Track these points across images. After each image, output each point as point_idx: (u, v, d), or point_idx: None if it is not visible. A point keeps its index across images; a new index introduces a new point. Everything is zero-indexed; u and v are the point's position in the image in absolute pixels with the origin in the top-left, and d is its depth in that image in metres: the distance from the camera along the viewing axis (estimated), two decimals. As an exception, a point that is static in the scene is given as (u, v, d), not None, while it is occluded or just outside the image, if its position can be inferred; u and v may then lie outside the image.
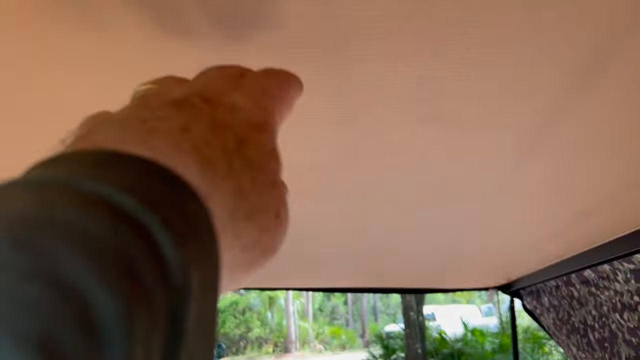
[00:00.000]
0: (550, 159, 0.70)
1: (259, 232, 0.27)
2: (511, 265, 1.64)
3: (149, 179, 0.20)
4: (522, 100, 0.53)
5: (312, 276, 2.03)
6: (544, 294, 1.75)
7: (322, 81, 0.48)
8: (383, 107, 0.52)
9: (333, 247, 1.38)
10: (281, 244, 0.30)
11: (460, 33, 0.41)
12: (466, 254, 1.45)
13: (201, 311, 0.19)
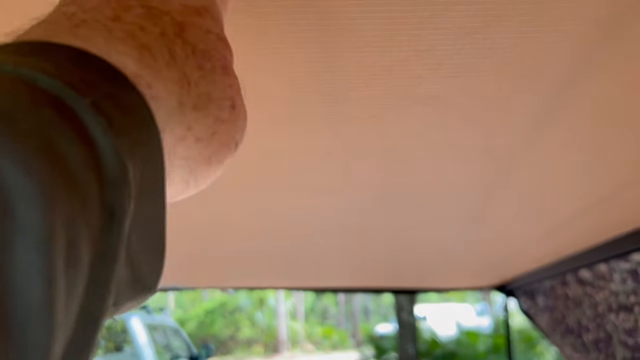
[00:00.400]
0: (546, 156, 0.69)
1: (213, 122, 0.26)
2: (506, 264, 1.63)
3: (78, 67, 0.19)
4: (520, 92, 0.51)
5: (304, 276, 2.01)
6: (538, 294, 1.73)
7: (317, 75, 0.45)
8: (376, 91, 0.50)
9: (325, 245, 1.36)
10: (242, 137, 0.29)
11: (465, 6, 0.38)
12: (460, 253, 1.44)
13: (146, 214, 0.18)
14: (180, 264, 1.61)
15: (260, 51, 0.42)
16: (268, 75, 0.46)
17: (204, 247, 1.35)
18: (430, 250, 1.41)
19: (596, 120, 0.58)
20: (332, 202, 0.92)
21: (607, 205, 0.88)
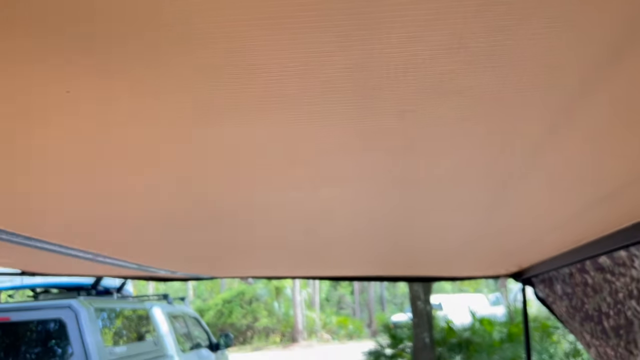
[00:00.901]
0: (567, 144, 0.69)
1: None
2: (523, 252, 1.63)
3: None
4: (543, 86, 0.52)
5: (320, 265, 2.03)
6: (556, 282, 1.74)
7: (346, 54, 0.47)
8: (406, 81, 0.51)
9: (342, 235, 1.38)
10: None
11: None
12: (477, 242, 1.45)
13: None
14: (201, 256, 1.64)
15: (295, 53, 0.44)
16: (299, 74, 0.48)
17: (224, 238, 1.37)
18: (447, 238, 1.41)
19: (616, 111, 0.58)
20: (349, 192, 0.93)
21: (627, 192, 0.88)
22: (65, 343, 3.77)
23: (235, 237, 1.32)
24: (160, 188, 0.81)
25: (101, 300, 4.43)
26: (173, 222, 1.05)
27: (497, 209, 1.04)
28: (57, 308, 3.88)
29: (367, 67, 0.48)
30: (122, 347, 4.19)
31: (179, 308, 6.37)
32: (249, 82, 0.49)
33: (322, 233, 1.32)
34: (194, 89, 0.49)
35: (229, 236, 1.31)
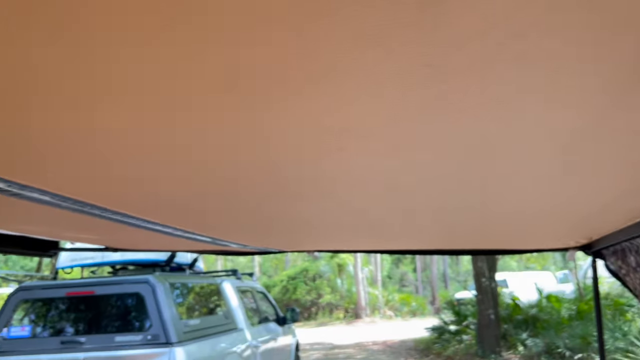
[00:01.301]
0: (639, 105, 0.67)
1: None
2: (594, 222, 1.60)
3: None
4: (615, 49, 0.52)
5: (385, 239, 2.06)
6: (630, 253, 1.70)
7: (414, 32, 0.49)
8: (474, 47, 0.53)
9: (407, 207, 1.39)
10: None
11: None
12: (545, 211, 1.43)
13: None
14: (272, 229, 1.72)
15: (373, 29, 0.47)
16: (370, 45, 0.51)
17: (293, 212, 1.43)
18: (514, 209, 1.40)
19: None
20: (414, 161, 0.93)
21: None
22: (143, 315, 4.02)
23: (303, 210, 1.37)
24: (239, 163, 0.87)
25: (175, 276, 4.67)
26: (248, 196, 1.12)
27: (568, 174, 1.01)
28: (135, 283, 4.14)
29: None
30: (196, 320, 4.42)
31: (248, 283, 6.61)
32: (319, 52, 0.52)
33: (388, 205, 1.34)
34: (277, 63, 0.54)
35: (297, 210, 1.36)
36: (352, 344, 14.98)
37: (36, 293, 4.24)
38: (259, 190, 1.11)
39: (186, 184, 1.03)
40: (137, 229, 1.46)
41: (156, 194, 1.11)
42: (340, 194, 1.19)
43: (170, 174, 0.95)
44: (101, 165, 0.87)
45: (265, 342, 5.96)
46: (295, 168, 0.94)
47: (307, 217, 1.46)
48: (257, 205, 1.26)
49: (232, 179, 1.00)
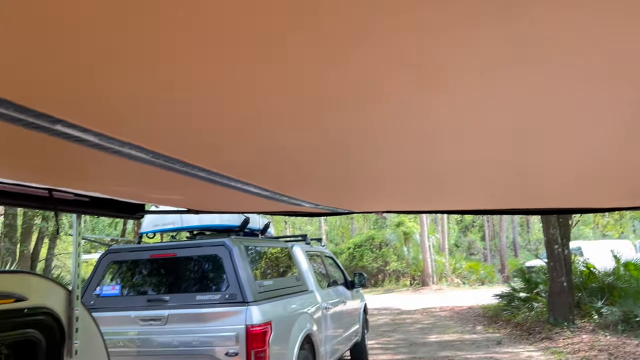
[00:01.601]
0: None
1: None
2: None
3: None
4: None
5: (454, 198, 2.09)
6: None
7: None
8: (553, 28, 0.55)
9: (477, 162, 1.41)
10: None
11: None
12: (622, 164, 1.40)
13: None
14: (345, 189, 1.80)
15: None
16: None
17: (365, 170, 1.49)
18: (590, 161, 1.37)
19: None
20: (484, 111, 0.94)
21: None
22: (221, 276, 4.28)
23: (381, 167, 1.43)
24: (326, 120, 0.94)
25: (249, 240, 4.90)
26: (332, 154, 1.19)
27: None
28: (213, 246, 4.39)
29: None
30: (269, 281, 4.64)
31: (316, 248, 6.80)
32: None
33: (465, 162, 1.37)
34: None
35: (374, 167, 1.42)
36: (418, 310, 15.07)
37: (123, 255, 4.60)
38: (340, 149, 1.18)
39: (274, 144, 1.12)
40: (222, 188, 1.57)
41: (244, 152, 1.19)
42: (420, 149, 1.23)
43: (257, 133, 1.03)
44: (195, 123, 0.96)
45: (335, 305, 6.15)
46: (379, 122, 0.98)
47: (382, 175, 1.52)
48: (338, 163, 1.33)
49: (318, 137, 1.07)
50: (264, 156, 1.24)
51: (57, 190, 2.22)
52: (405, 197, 1.99)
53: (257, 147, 1.17)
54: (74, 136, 0.88)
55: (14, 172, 1.79)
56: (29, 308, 2.14)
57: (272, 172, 1.41)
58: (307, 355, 4.83)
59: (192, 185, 1.60)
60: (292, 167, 1.37)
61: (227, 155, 1.20)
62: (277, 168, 1.37)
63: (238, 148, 1.17)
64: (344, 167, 1.40)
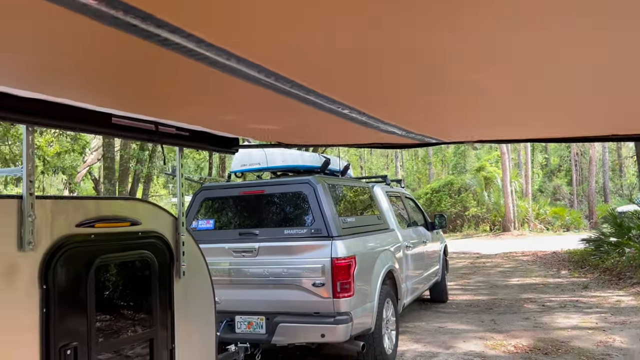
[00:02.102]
0: None
1: None
2: None
3: None
4: None
5: (554, 124, 2.04)
6: None
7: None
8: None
9: (576, 85, 1.38)
10: None
11: None
12: None
13: None
14: (440, 116, 1.81)
15: None
16: None
17: (469, 93, 1.48)
18: None
19: None
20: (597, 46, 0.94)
21: None
22: (307, 212, 4.45)
23: (481, 89, 1.43)
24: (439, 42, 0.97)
25: (332, 179, 5.03)
26: (428, 82, 1.22)
27: None
28: (298, 183, 4.55)
29: None
30: (352, 218, 4.77)
31: (397, 189, 6.85)
32: None
33: (567, 86, 1.34)
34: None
35: (473, 90, 1.42)
36: (499, 254, 14.88)
37: (216, 192, 4.88)
38: (441, 75, 1.20)
39: (387, 76, 1.15)
40: (324, 113, 1.61)
41: (358, 78, 1.23)
42: (504, 77, 1.23)
43: (374, 64, 1.07)
44: (306, 37, 1.02)
45: (415, 244, 6.24)
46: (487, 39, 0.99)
47: (482, 100, 1.52)
48: (439, 89, 1.35)
49: (420, 65, 1.10)
50: (374, 83, 1.28)
51: (162, 124, 2.39)
52: (501, 125, 1.97)
53: (371, 77, 1.21)
54: (201, 54, 0.95)
55: (128, 104, 1.95)
56: (142, 232, 2.37)
57: (378, 98, 1.44)
58: (389, 291, 4.98)
59: (293, 113, 1.68)
60: (398, 94, 1.41)
61: (340, 77, 1.24)
62: (384, 94, 1.41)
63: (355, 75, 1.21)
64: (444, 93, 1.41)
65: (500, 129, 2.01)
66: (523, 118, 1.79)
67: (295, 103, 1.43)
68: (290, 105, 1.49)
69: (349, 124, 1.70)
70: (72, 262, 2.04)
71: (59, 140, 12.35)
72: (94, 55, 1.18)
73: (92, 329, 2.10)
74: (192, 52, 0.94)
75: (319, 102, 1.37)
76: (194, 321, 2.66)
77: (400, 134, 1.92)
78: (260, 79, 1.16)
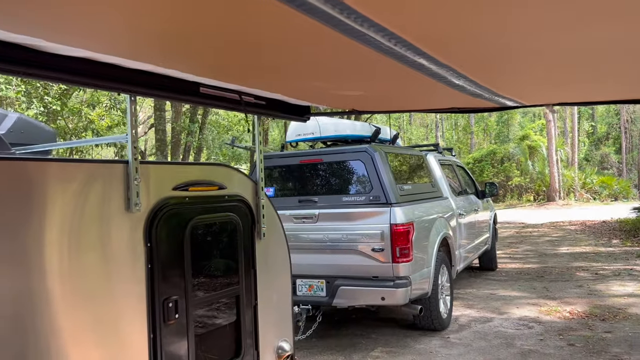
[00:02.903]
0: None
1: None
2: None
3: None
4: None
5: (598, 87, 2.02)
6: None
7: None
8: None
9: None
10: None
11: None
12: None
13: None
14: (527, 77, 1.84)
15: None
16: None
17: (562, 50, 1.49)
18: None
19: None
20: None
21: None
22: (364, 179, 4.54)
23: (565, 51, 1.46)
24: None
25: (388, 147, 5.09)
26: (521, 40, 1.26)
27: None
28: (355, 152, 4.64)
29: None
30: (408, 186, 4.83)
31: (448, 157, 6.85)
32: None
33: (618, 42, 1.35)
34: None
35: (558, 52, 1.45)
36: (545, 224, 14.69)
37: (275, 161, 5.01)
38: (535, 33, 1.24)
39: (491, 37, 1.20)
40: (422, 77, 1.65)
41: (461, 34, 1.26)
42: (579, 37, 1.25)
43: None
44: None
45: (467, 212, 6.26)
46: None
47: (571, 60, 1.54)
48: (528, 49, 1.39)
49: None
50: (481, 46, 1.32)
51: (244, 93, 2.51)
52: (582, 87, 1.98)
53: (478, 40, 1.25)
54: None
55: (214, 72, 2.06)
56: (228, 195, 2.51)
57: (478, 59, 1.47)
58: (443, 257, 5.06)
59: (390, 77, 1.72)
60: (498, 57, 1.45)
61: (453, 39, 1.27)
62: (487, 57, 1.45)
63: (465, 37, 1.26)
64: (542, 54, 1.45)
65: (587, 87, 2.00)
66: (614, 75, 1.80)
67: (395, 64, 1.49)
68: (390, 67, 1.54)
69: (443, 87, 1.75)
70: (170, 223, 2.20)
71: (109, 114, 12.75)
72: (197, 25, 1.27)
73: (189, 285, 2.27)
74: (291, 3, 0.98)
75: (425, 65, 1.43)
76: (273, 281, 2.81)
77: (487, 96, 1.96)
78: (369, 37, 1.20)
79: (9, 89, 9.37)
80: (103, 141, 2.42)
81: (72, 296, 1.82)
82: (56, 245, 1.78)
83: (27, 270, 1.69)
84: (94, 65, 1.81)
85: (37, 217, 1.73)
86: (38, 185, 1.76)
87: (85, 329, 1.85)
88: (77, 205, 1.87)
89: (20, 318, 1.66)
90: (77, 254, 1.85)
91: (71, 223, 1.85)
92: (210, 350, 2.39)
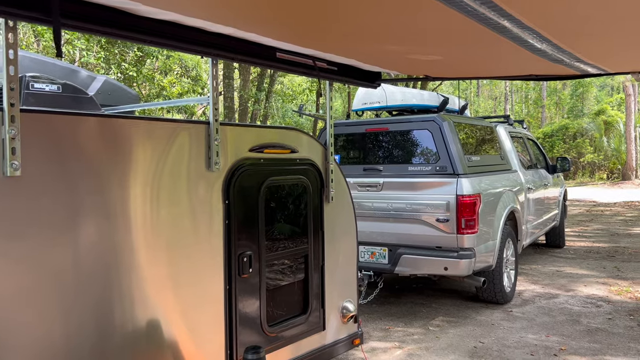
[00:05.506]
0: None
1: None
2: None
3: None
4: None
5: None
6: None
7: None
8: None
9: None
10: None
11: None
12: None
13: None
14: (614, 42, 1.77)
15: None
16: None
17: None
18: None
19: None
20: None
21: None
22: (431, 149, 4.51)
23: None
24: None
25: (456, 117, 5.01)
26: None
27: None
28: (423, 121, 4.60)
29: None
30: (476, 157, 4.75)
31: (519, 130, 6.65)
32: None
33: None
34: None
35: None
36: (618, 203, 14.01)
37: (341, 129, 5.05)
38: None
39: None
40: (503, 39, 1.63)
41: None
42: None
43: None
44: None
45: (536, 187, 6.09)
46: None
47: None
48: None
49: None
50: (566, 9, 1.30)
51: (317, 58, 2.55)
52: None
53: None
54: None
55: (290, 35, 2.10)
56: (299, 159, 2.59)
57: (562, 22, 1.44)
58: (510, 231, 4.97)
59: (472, 42, 1.71)
60: (583, 21, 1.42)
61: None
62: (573, 19, 1.42)
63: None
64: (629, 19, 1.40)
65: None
66: None
67: (477, 27, 1.48)
68: (472, 30, 1.54)
69: (524, 52, 1.72)
70: (246, 182, 2.30)
71: (180, 81, 13.15)
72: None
73: (262, 241, 2.38)
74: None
75: (508, 27, 1.41)
76: (339, 243, 2.89)
77: (568, 61, 1.90)
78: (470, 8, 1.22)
79: (90, 55, 9.86)
80: (186, 102, 2.53)
81: (155, 248, 1.97)
82: (141, 199, 1.92)
83: (116, 221, 1.84)
84: (180, 29, 1.90)
85: (126, 172, 1.87)
86: (128, 142, 1.89)
87: (167, 279, 2.00)
88: (161, 161, 2.00)
89: (109, 267, 1.81)
90: (160, 208, 1.99)
91: (156, 178, 1.99)
92: (279, 306, 2.52)
